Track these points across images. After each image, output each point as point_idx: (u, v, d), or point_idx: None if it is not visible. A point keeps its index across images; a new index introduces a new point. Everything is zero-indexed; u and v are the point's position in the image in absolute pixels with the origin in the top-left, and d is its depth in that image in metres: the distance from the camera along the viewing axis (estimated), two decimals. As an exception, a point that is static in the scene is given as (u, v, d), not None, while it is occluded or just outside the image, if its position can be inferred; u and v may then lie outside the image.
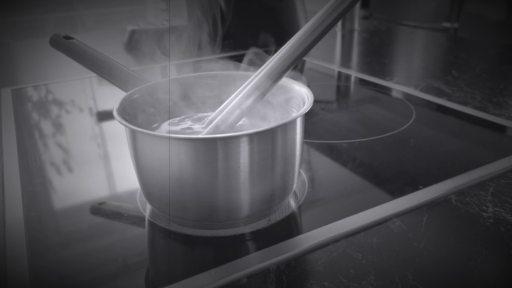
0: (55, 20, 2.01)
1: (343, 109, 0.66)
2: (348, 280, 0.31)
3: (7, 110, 0.67)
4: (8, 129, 0.59)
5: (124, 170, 0.48)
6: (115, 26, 1.83)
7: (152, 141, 0.33)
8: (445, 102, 0.65)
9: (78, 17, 2.12)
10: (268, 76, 0.35)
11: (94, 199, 0.42)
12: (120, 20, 1.98)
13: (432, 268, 0.32)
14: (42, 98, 0.75)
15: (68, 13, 2.13)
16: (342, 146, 0.52)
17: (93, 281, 0.32)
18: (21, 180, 0.46)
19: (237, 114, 0.36)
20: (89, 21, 2.03)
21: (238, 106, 0.36)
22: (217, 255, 0.34)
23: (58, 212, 0.41)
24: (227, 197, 0.34)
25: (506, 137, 0.55)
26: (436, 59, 0.94)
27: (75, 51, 0.44)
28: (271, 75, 0.35)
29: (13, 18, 1.94)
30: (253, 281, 0.31)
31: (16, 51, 1.12)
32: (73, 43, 0.44)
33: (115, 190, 0.45)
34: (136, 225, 0.38)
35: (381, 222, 0.37)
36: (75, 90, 0.78)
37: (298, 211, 0.39)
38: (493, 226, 0.36)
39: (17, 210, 0.41)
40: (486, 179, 0.43)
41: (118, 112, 0.36)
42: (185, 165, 0.33)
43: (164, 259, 0.34)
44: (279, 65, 0.35)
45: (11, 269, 0.33)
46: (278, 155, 0.35)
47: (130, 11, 2.07)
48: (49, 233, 0.38)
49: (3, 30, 1.70)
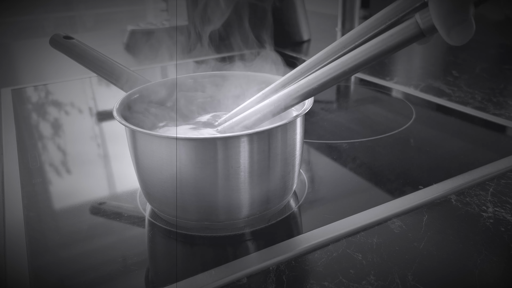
0: (55, 20, 2.01)
1: (343, 109, 0.66)
2: (348, 280, 0.31)
3: (7, 110, 0.67)
4: (8, 129, 0.59)
5: (124, 170, 0.48)
6: (115, 26, 1.83)
7: (152, 141, 0.33)
8: (445, 102, 0.65)
9: (78, 17, 2.12)
10: (297, 92, 0.33)
11: (94, 199, 0.42)
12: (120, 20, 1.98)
13: (432, 268, 0.32)
14: (42, 98, 0.75)
15: (68, 13, 2.13)
16: (342, 146, 0.52)
17: (93, 281, 0.32)
18: (21, 180, 0.46)
19: (254, 120, 0.35)
20: (89, 21, 2.03)
21: (258, 112, 0.35)
22: (217, 255, 0.34)
23: (58, 212, 0.41)
24: (227, 197, 0.34)
25: (506, 137, 0.55)
26: (436, 59, 0.94)
27: (75, 51, 0.44)
28: (300, 93, 0.33)
29: (13, 18, 1.94)
30: (253, 281, 0.31)
31: (16, 51, 1.12)
32: (73, 43, 0.44)
33: (115, 190, 0.45)
34: (136, 225, 0.38)
35: (381, 222, 0.37)
36: (75, 90, 0.78)
37: (298, 211, 0.39)
38: (493, 226, 0.36)
39: (17, 210, 0.41)
40: (486, 179, 0.43)
41: (118, 112, 0.36)
42: (185, 165, 0.33)
43: (164, 259, 0.34)
44: (311, 84, 0.32)
45: (11, 269, 0.33)
46: (278, 155, 0.35)
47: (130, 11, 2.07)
48: (49, 233, 0.38)
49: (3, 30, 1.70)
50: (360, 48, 0.30)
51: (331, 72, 0.31)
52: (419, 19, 0.27)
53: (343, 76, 0.31)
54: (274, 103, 0.34)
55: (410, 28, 0.27)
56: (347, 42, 0.34)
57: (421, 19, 0.27)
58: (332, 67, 0.31)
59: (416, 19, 0.27)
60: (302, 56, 0.96)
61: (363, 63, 0.30)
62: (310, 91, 0.33)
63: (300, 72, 0.36)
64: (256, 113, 0.35)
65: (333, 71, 0.31)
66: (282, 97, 0.34)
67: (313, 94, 0.33)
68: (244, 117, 0.36)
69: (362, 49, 0.30)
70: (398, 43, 0.28)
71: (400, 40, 0.28)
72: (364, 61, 0.30)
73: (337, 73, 0.31)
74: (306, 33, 1.10)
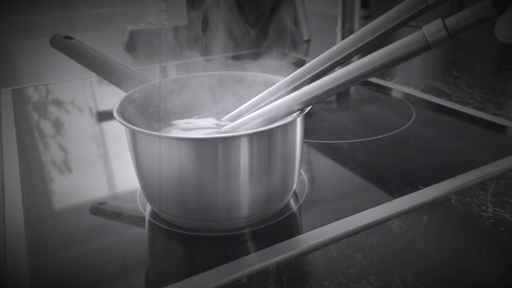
0: (55, 20, 2.01)
1: (343, 109, 0.66)
2: (348, 280, 0.31)
3: (7, 110, 0.67)
4: (8, 129, 0.59)
5: (124, 170, 0.48)
6: (115, 26, 1.83)
7: (152, 141, 0.33)
8: (445, 102, 0.65)
9: (78, 17, 2.12)
10: (300, 98, 0.33)
11: (94, 199, 0.42)
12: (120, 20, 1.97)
13: (432, 268, 0.32)
14: (42, 98, 0.75)
15: (68, 13, 2.13)
16: (342, 146, 0.52)
17: (93, 281, 0.32)
18: (21, 180, 0.46)
19: (256, 123, 0.35)
20: (89, 21, 2.03)
21: (263, 115, 0.35)
22: (217, 255, 0.34)
23: (58, 212, 0.41)
24: (227, 197, 0.34)
25: (506, 137, 0.55)
26: (436, 59, 0.94)
27: (75, 51, 0.44)
28: (304, 100, 0.33)
29: (13, 18, 1.94)
30: (253, 281, 0.31)
31: (16, 51, 1.12)
32: (73, 43, 0.44)
33: (115, 190, 0.45)
34: (136, 225, 0.38)
35: (381, 222, 0.37)
36: (75, 90, 0.78)
37: (298, 211, 0.39)
38: (493, 226, 0.36)
39: (17, 210, 0.41)
40: (486, 179, 0.43)
41: (118, 112, 0.36)
42: (186, 165, 0.33)
43: (164, 259, 0.34)
44: (316, 90, 0.32)
45: (11, 269, 0.33)
46: (278, 155, 0.35)
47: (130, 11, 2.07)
48: (49, 233, 0.38)
49: (3, 30, 1.70)
50: (366, 58, 0.30)
51: (334, 80, 0.32)
52: (427, 32, 0.27)
53: (347, 84, 0.31)
54: (277, 108, 0.34)
55: (417, 41, 0.28)
56: (350, 43, 0.34)
57: (428, 33, 0.27)
58: (337, 75, 0.32)
59: (424, 32, 0.27)
60: (302, 56, 0.96)
61: (368, 73, 0.30)
62: (314, 97, 0.33)
63: (303, 73, 0.36)
64: (258, 116, 0.35)
65: (337, 79, 0.31)
66: (284, 102, 0.34)
67: (316, 101, 0.33)
68: (245, 121, 0.36)
69: (368, 59, 0.30)
70: (404, 55, 0.29)
71: (406, 52, 0.28)
72: (369, 71, 0.30)
73: (341, 82, 0.31)
74: (306, 33, 1.10)
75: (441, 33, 0.27)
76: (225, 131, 0.38)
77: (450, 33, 0.26)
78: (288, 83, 0.37)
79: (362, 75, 0.30)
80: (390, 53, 0.29)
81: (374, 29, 0.34)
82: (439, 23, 0.27)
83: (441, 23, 0.27)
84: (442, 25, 0.27)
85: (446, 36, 0.27)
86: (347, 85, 0.31)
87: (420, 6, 0.31)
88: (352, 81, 0.31)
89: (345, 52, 0.35)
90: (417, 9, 0.31)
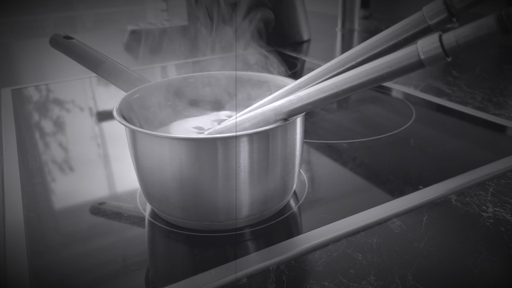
0: (55, 20, 2.01)
1: (343, 109, 0.66)
2: (348, 280, 0.31)
3: (7, 110, 0.67)
4: (8, 129, 0.59)
5: (124, 170, 0.48)
6: (115, 26, 1.83)
7: (152, 141, 0.33)
8: (445, 102, 0.65)
9: (78, 17, 2.12)
10: (286, 108, 0.32)
11: (94, 199, 0.42)
12: (120, 20, 1.97)
13: (432, 268, 0.32)
14: (42, 98, 0.75)
15: (68, 13, 2.13)
16: (342, 146, 0.52)
17: (93, 281, 0.32)
18: (21, 180, 0.46)
19: (253, 123, 0.35)
20: (89, 21, 2.03)
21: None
22: (217, 255, 0.34)
23: (58, 212, 0.41)
24: (227, 197, 0.34)
25: (506, 137, 0.55)
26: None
27: (75, 51, 0.44)
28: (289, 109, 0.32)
29: (13, 18, 1.94)
30: (253, 281, 0.31)
31: (16, 51, 1.12)
32: (73, 43, 0.44)
33: (115, 190, 0.45)
34: (136, 225, 0.38)
35: (381, 222, 0.37)
36: (75, 90, 0.78)
37: (298, 211, 0.39)
38: (493, 226, 0.36)
39: (17, 210, 0.41)
40: (486, 179, 0.43)
41: (118, 112, 0.36)
42: (185, 165, 0.33)
43: (164, 259, 0.34)
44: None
45: (11, 269, 0.33)
46: (278, 155, 0.35)
47: (130, 11, 2.07)
48: (49, 233, 0.38)
49: (3, 30, 1.70)
50: (355, 71, 0.28)
51: (321, 92, 0.30)
52: (421, 48, 0.24)
53: (334, 97, 0.30)
54: (261, 115, 0.34)
55: (409, 58, 0.25)
56: (346, 61, 0.33)
57: (422, 49, 0.24)
58: (324, 86, 0.30)
59: (417, 47, 0.25)
60: (302, 56, 0.96)
61: (356, 87, 0.28)
62: (298, 107, 0.32)
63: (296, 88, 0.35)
64: (246, 120, 0.35)
65: (324, 90, 0.30)
66: (268, 110, 0.33)
67: (299, 112, 0.32)
68: (230, 126, 0.36)
69: (357, 71, 0.28)
70: (395, 72, 0.26)
71: (397, 69, 0.26)
72: (357, 85, 0.28)
73: (328, 94, 0.30)
74: (306, 33, 1.10)
75: (436, 50, 0.24)
76: (210, 133, 0.37)
77: (447, 51, 0.24)
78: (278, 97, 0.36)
79: (349, 89, 0.28)
80: (379, 69, 0.27)
81: (371, 47, 0.31)
82: (435, 39, 0.24)
83: (437, 38, 0.24)
84: (438, 41, 0.24)
85: (441, 55, 0.24)
86: (334, 98, 0.30)
87: (419, 26, 0.29)
88: (340, 94, 0.29)
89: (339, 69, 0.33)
90: (417, 29, 0.29)
